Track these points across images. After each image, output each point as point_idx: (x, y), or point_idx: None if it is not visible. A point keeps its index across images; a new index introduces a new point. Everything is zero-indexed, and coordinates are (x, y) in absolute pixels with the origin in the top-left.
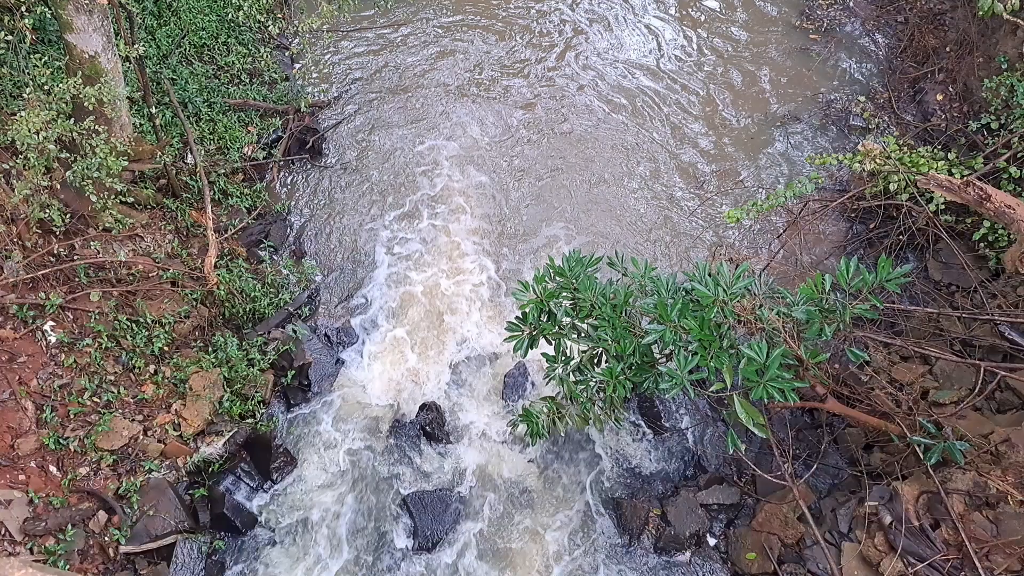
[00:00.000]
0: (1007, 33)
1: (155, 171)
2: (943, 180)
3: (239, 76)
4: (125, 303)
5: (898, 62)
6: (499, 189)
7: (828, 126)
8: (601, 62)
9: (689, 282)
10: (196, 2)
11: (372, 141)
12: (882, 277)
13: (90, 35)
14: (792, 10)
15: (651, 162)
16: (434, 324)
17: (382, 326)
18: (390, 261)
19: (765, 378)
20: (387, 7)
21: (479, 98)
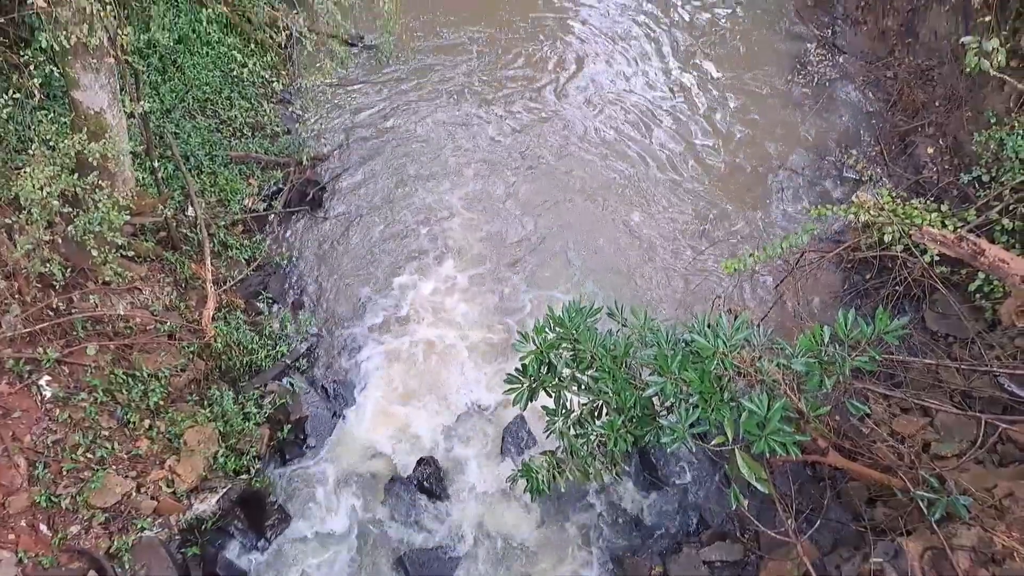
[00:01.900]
0: (994, 89)
1: (155, 224)
2: (937, 235)
3: (241, 129)
4: (122, 356)
5: (889, 116)
6: (498, 240)
7: (822, 178)
8: (598, 113)
9: (689, 333)
10: (201, 58)
11: (372, 193)
12: (880, 329)
13: (96, 92)
14: (784, 65)
15: (647, 213)
16: (433, 376)
17: (380, 378)
18: (389, 313)
19: (766, 431)
20: (388, 59)
21: (478, 149)
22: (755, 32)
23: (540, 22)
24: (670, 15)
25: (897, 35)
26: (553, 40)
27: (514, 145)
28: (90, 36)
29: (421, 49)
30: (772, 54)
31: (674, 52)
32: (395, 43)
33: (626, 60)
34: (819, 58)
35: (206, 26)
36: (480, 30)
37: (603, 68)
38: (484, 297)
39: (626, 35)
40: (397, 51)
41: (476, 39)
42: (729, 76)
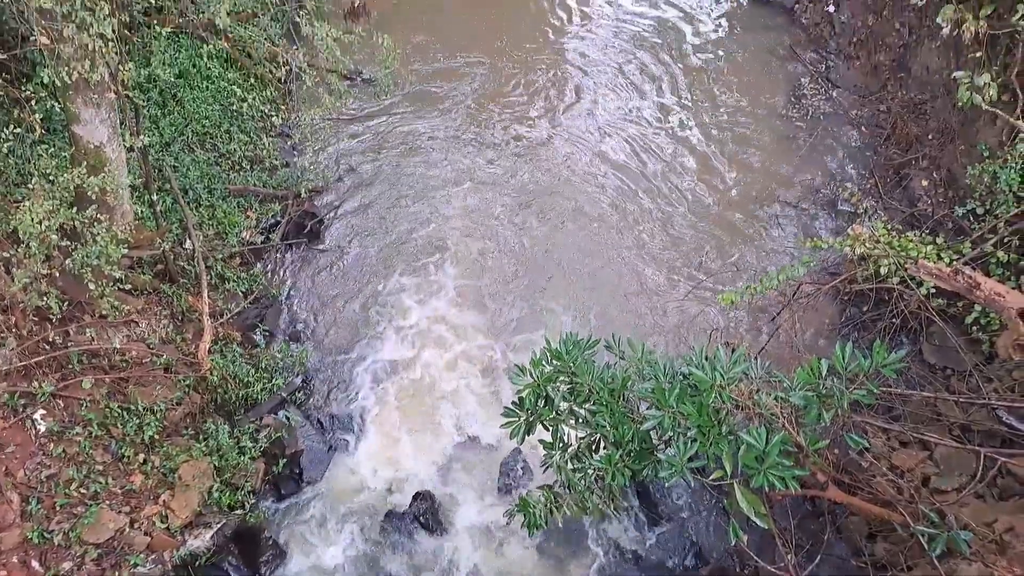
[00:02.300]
0: (986, 122)
1: (153, 257)
2: (933, 268)
3: (240, 163)
4: (117, 390)
5: (882, 149)
6: (495, 272)
7: (817, 210)
8: (595, 144)
9: (686, 366)
10: (201, 93)
11: (369, 225)
12: (877, 362)
13: (96, 126)
14: (779, 98)
15: (643, 244)
16: (429, 409)
17: (376, 412)
18: (385, 345)
19: (765, 465)
20: (386, 92)
21: (475, 180)
22: (750, 66)
23: (537, 54)
24: (665, 49)
25: (889, 70)
26: (550, 72)
27: (511, 176)
28: (92, 72)
29: (418, 82)
30: (767, 88)
31: (670, 85)
32: (393, 76)
33: (623, 92)
34: (813, 92)
35: (207, 61)
36: (477, 60)
37: (600, 99)
38: (481, 329)
39: (622, 68)
40: (395, 83)
41: (474, 70)
42: (725, 109)
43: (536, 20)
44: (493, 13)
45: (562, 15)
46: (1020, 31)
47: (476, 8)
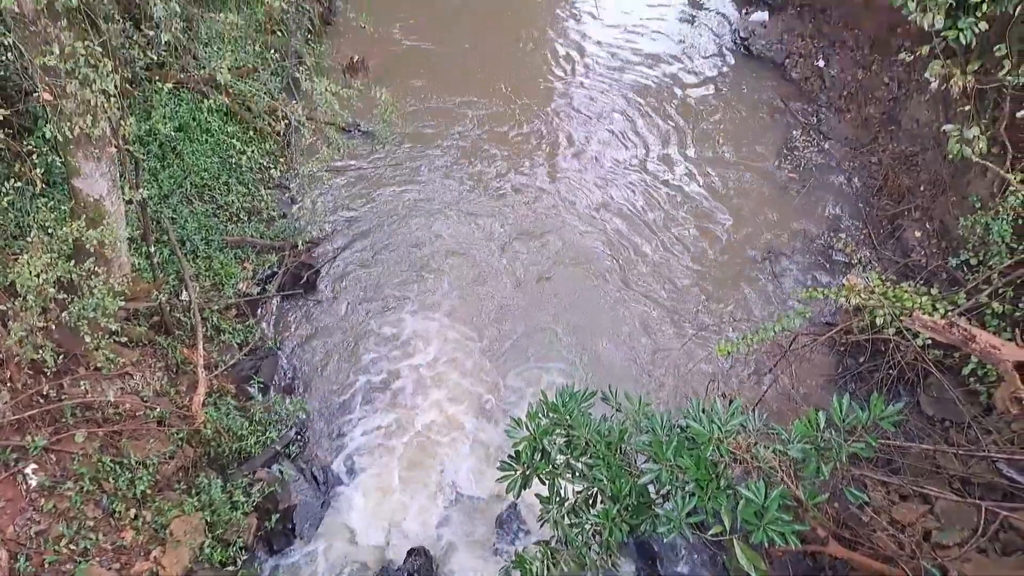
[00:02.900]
0: (977, 174)
1: (149, 309)
2: (928, 321)
3: (238, 214)
4: (110, 444)
5: (875, 200)
6: (491, 322)
7: (812, 260)
8: (589, 192)
9: (683, 419)
10: (200, 145)
11: (365, 276)
12: (875, 415)
13: (96, 180)
14: (771, 151)
15: (641, 293)
16: (425, 462)
17: (371, 465)
18: (381, 398)
19: (765, 520)
20: (384, 144)
21: (471, 230)
22: (742, 118)
23: (534, 102)
24: (660, 101)
25: (880, 123)
26: (546, 120)
27: (508, 225)
28: (93, 127)
29: (415, 131)
30: (759, 140)
31: (664, 135)
32: (390, 128)
33: (618, 140)
34: (805, 144)
35: (207, 115)
36: (475, 110)
37: (596, 147)
38: (478, 380)
39: (618, 116)
40: (393, 135)
41: (471, 118)
42: (719, 159)
43: (534, 69)
44: (492, 62)
45: (559, 65)
46: (1007, 86)
47: (475, 58)
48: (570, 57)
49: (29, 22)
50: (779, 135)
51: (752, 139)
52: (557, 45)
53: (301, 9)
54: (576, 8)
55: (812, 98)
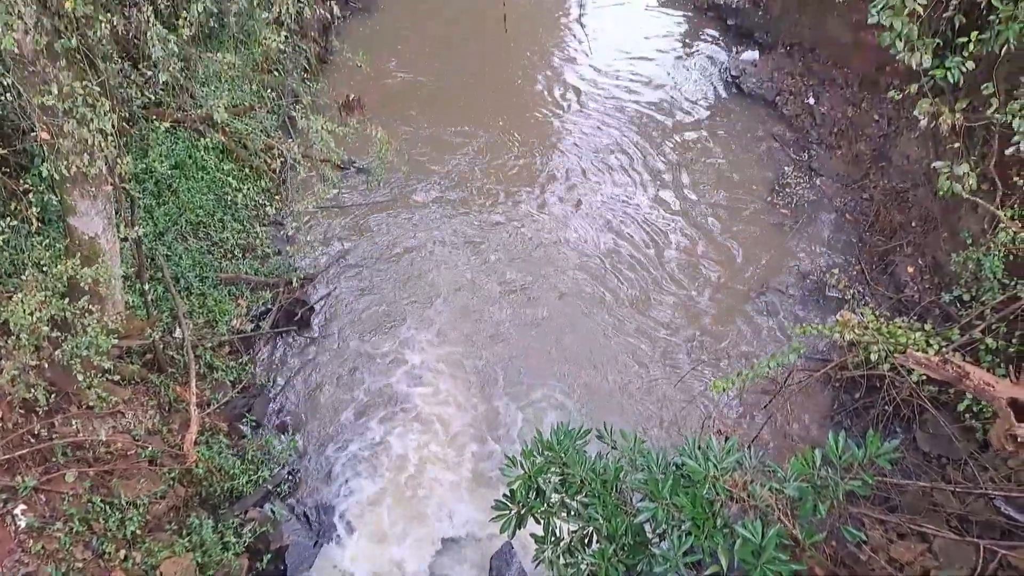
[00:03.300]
0: (968, 210)
1: (142, 346)
2: (921, 358)
3: (232, 251)
4: (101, 483)
5: (867, 236)
6: (485, 356)
7: (806, 296)
8: (583, 228)
9: (679, 456)
10: (196, 183)
11: (360, 312)
12: (871, 452)
13: (92, 218)
14: (764, 187)
15: (636, 329)
16: (418, 501)
17: (364, 503)
18: (373, 436)
19: (762, 560)
20: (379, 181)
21: (464, 265)
22: (735, 155)
23: (531, 135)
24: (655, 137)
25: (871, 159)
26: (542, 153)
27: (503, 258)
28: (90, 166)
29: (410, 165)
30: (752, 176)
31: (658, 171)
32: (385, 165)
33: (613, 176)
34: (797, 180)
35: (203, 153)
36: (467, 141)
37: (592, 182)
38: (471, 415)
39: (613, 152)
40: (388, 171)
41: (466, 151)
42: (712, 195)
43: (528, 104)
44: (487, 97)
45: (553, 100)
46: (995, 123)
47: (470, 92)
48: (563, 93)
49: (28, 62)
50: (771, 171)
51: (745, 175)
52: (550, 81)
53: (298, 49)
54: (568, 46)
55: (803, 135)
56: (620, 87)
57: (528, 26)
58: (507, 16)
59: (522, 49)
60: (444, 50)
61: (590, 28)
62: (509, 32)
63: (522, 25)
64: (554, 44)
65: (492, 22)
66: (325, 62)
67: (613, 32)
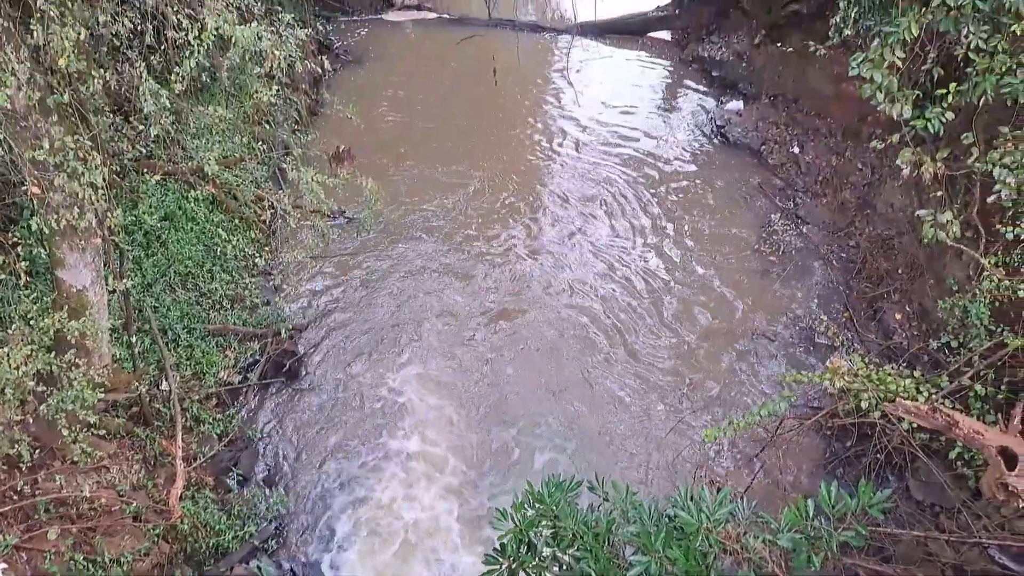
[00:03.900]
0: (953, 257)
1: (129, 400)
2: (911, 407)
3: (221, 302)
4: (84, 540)
5: (855, 283)
6: (474, 406)
7: (796, 343)
8: (575, 273)
9: (672, 508)
10: (185, 234)
11: (349, 364)
12: (864, 502)
13: (80, 270)
14: (752, 234)
15: (625, 376)
16: (408, 555)
17: (353, 560)
18: (363, 488)
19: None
20: (369, 231)
21: (456, 314)
22: (723, 202)
23: (521, 180)
24: (642, 184)
25: (856, 207)
26: (529, 199)
27: (491, 306)
28: (80, 219)
29: (401, 213)
30: (740, 224)
31: (646, 218)
32: (375, 215)
33: (600, 223)
34: (784, 228)
35: (193, 204)
36: (458, 185)
37: (580, 229)
38: (461, 468)
39: (599, 200)
40: (378, 221)
41: (455, 196)
42: (700, 243)
43: (518, 150)
44: (477, 143)
45: (542, 147)
46: (976, 172)
47: (460, 138)
48: (553, 142)
49: (20, 117)
50: (758, 219)
51: (732, 223)
52: (540, 130)
53: (289, 101)
54: (557, 97)
55: (789, 183)
56: (608, 136)
57: (518, 77)
58: (497, 69)
59: (512, 100)
60: (435, 100)
61: (578, 80)
62: (499, 84)
63: (512, 76)
64: (543, 95)
65: (483, 74)
66: (316, 114)
67: (601, 83)
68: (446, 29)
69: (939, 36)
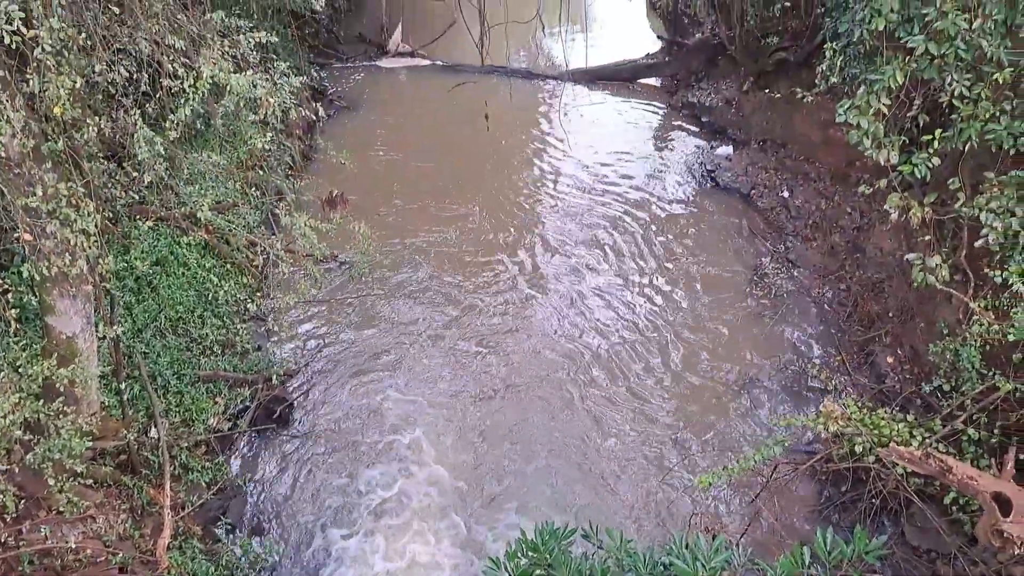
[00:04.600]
0: (943, 300)
1: (116, 447)
2: (904, 453)
3: (212, 347)
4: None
5: (846, 326)
6: (468, 451)
7: (788, 387)
8: (567, 317)
9: (666, 556)
10: (177, 279)
11: (339, 410)
12: (860, 549)
13: (71, 317)
14: (743, 277)
15: (618, 422)
16: None
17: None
18: (355, 538)
19: None
20: (361, 275)
21: (448, 359)
22: (714, 246)
23: (509, 230)
24: (633, 228)
25: (846, 251)
26: (520, 243)
27: (483, 352)
28: (71, 266)
29: (393, 260)
30: (731, 267)
31: (637, 262)
32: (368, 259)
33: (592, 267)
34: (775, 271)
35: (185, 250)
36: (450, 231)
37: (570, 273)
38: (456, 516)
39: (591, 244)
40: (370, 265)
41: (447, 239)
42: (691, 287)
43: (510, 195)
44: (469, 187)
45: (534, 192)
46: (964, 216)
47: (453, 183)
48: (544, 184)
49: (14, 165)
50: (749, 262)
51: (724, 267)
52: (532, 175)
53: (283, 146)
54: (550, 142)
55: (779, 227)
56: (599, 180)
57: (510, 122)
58: (489, 115)
59: (504, 145)
60: (428, 144)
61: (570, 125)
62: (492, 129)
63: (504, 121)
64: (535, 139)
65: (476, 119)
66: (310, 158)
67: (592, 129)
68: (439, 76)
69: (924, 83)
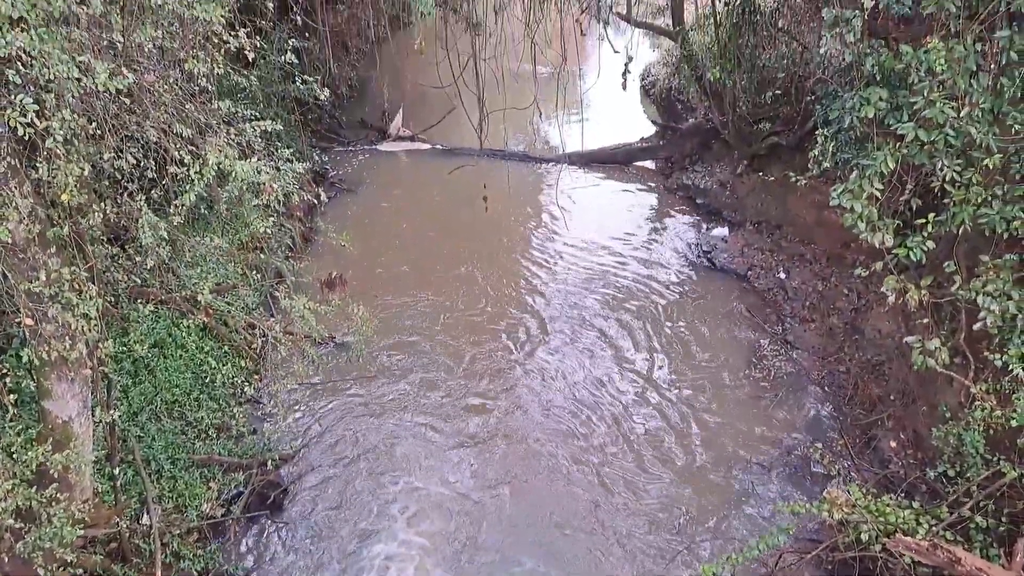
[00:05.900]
0: (944, 383)
1: (108, 535)
2: (911, 543)
3: (207, 431)
4: None
5: (847, 409)
6: (465, 538)
7: (791, 472)
8: (562, 397)
9: None
10: (174, 361)
11: (335, 495)
12: None
13: (67, 401)
14: (742, 359)
15: (617, 509)
16: None
17: None
18: None
19: None
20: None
21: (446, 443)
22: (710, 328)
23: (505, 306)
24: (629, 310)
25: (844, 332)
26: (517, 325)
27: (481, 435)
28: (70, 350)
29: (390, 344)
30: (729, 349)
31: (634, 344)
32: (366, 341)
33: (588, 349)
34: (774, 353)
35: (184, 332)
36: (448, 312)
37: (567, 354)
38: None
39: (587, 326)
40: (368, 347)
41: (444, 324)
42: (690, 370)
43: (507, 275)
44: (466, 269)
45: (533, 273)
46: (960, 299)
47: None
48: (542, 265)
49: (19, 250)
50: (747, 344)
51: (721, 348)
52: (530, 254)
53: (284, 229)
54: (547, 224)
55: (776, 308)
56: (596, 261)
57: (508, 204)
58: (487, 196)
59: (502, 226)
60: (427, 225)
61: (567, 206)
62: (490, 211)
63: (503, 203)
64: (532, 221)
65: (474, 201)
66: (310, 240)
67: (588, 211)
68: (438, 159)
69: (915, 168)
